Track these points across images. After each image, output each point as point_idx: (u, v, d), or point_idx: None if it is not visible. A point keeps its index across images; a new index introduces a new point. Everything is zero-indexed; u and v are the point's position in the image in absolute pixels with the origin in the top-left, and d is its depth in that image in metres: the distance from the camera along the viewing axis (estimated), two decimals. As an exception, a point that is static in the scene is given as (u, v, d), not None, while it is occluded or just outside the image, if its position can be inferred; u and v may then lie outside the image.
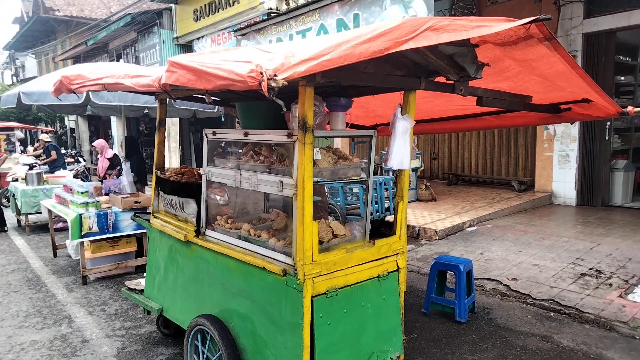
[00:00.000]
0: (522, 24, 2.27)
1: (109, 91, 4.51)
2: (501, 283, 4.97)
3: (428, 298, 4.39)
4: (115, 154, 8.51)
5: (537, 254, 5.82)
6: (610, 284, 4.78)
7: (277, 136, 2.72)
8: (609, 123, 8.23)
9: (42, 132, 15.24)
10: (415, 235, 6.92)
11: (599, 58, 8.07)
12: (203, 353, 3.14)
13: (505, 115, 4.29)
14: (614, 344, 3.75)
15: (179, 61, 2.36)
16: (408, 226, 6.89)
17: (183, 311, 3.51)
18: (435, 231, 6.72)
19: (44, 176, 8.72)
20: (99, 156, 8.76)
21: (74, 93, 3.91)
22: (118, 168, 8.20)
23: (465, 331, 4.07)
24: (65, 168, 10.87)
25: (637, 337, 3.82)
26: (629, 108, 3.87)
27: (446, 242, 6.56)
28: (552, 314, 4.33)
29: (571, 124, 4.52)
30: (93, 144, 9.30)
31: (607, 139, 8.31)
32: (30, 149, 14.14)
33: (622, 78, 8.95)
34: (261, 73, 1.83)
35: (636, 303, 4.34)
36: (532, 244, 6.21)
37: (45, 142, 11.52)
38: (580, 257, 5.61)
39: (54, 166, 10.50)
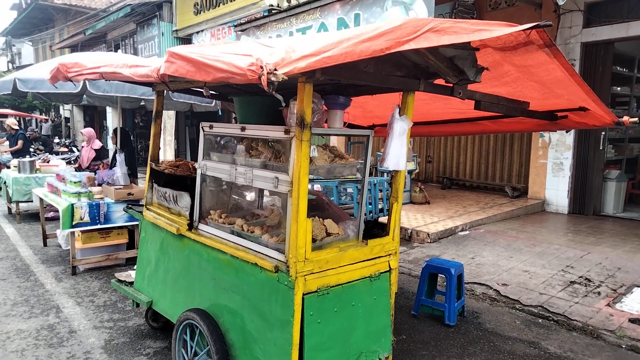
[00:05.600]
0: (523, 30, 2.27)
1: (106, 80, 4.47)
2: (491, 288, 4.98)
3: (418, 300, 4.39)
4: (103, 147, 8.38)
5: (528, 260, 5.85)
6: (599, 293, 4.81)
7: (274, 132, 2.71)
8: (603, 133, 8.29)
9: (8, 117, 14.17)
10: (407, 237, 6.93)
11: (596, 68, 8.12)
12: (191, 347, 3.12)
13: (502, 120, 4.30)
14: (601, 352, 3.78)
15: (179, 52, 2.34)
16: (401, 228, 6.89)
17: (173, 305, 3.49)
18: (428, 234, 6.73)
19: (37, 164, 8.64)
20: (83, 144, 8.62)
21: (71, 81, 3.87)
22: (105, 160, 8.09)
23: (453, 334, 4.08)
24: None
25: (624, 346, 3.85)
26: (625, 118, 3.89)
27: (438, 245, 6.57)
28: (540, 321, 4.35)
29: (567, 132, 4.54)
30: (82, 131, 9.09)
31: (601, 148, 8.37)
32: None
33: (619, 89, 9.02)
34: (261, 67, 1.81)
35: (624, 312, 4.37)
36: (523, 250, 6.24)
37: (14, 128, 11.04)
38: (571, 265, 5.64)
39: (18, 156, 10.12)
